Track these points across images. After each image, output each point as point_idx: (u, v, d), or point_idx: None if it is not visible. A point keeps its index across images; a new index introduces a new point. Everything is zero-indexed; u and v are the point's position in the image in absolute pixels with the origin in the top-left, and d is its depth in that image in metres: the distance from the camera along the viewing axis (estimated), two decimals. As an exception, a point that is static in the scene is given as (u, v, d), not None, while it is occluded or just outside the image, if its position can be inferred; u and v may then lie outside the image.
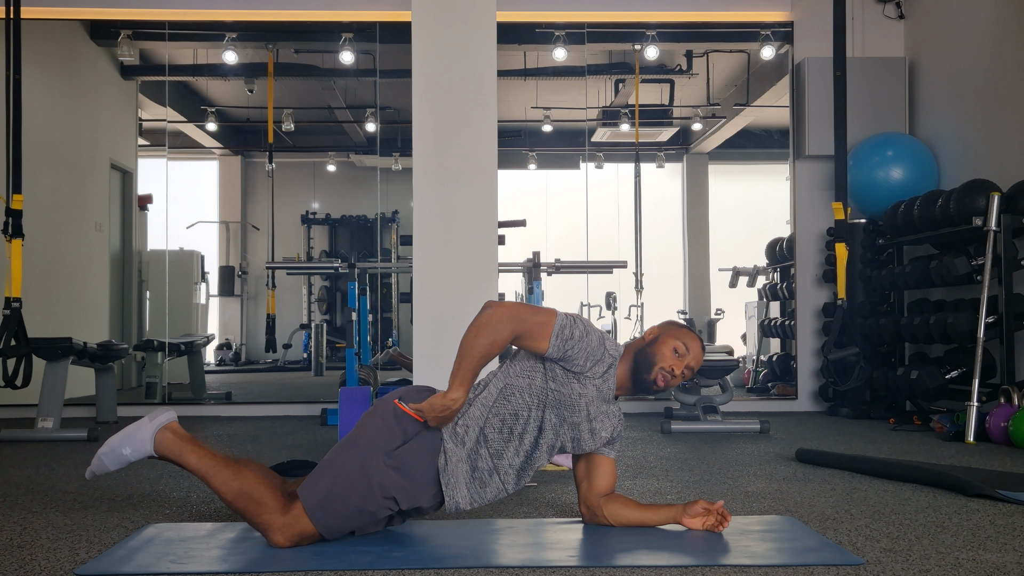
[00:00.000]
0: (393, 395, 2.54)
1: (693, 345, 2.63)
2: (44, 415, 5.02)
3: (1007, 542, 2.50)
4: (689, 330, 2.68)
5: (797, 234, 6.84)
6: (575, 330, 2.48)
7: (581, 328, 2.50)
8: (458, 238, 3.96)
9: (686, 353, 2.61)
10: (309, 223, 8.10)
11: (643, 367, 2.59)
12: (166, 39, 7.01)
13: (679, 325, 2.69)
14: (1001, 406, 4.63)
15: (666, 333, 2.64)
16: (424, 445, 2.46)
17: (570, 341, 2.47)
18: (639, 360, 2.60)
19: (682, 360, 2.60)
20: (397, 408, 2.48)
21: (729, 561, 2.27)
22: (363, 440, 2.45)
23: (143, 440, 2.54)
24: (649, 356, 2.60)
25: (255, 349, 8.15)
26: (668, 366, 2.58)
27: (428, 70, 4.00)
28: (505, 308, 2.44)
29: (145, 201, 7.37)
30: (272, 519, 2.40)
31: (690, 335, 2.65)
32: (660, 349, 2.60)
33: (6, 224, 4.96)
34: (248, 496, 2.41)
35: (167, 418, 2.57)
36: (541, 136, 7.84)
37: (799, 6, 6.85)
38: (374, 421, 2.48)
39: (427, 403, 2.42)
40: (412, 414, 2.46)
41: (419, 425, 2.46)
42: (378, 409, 2.52)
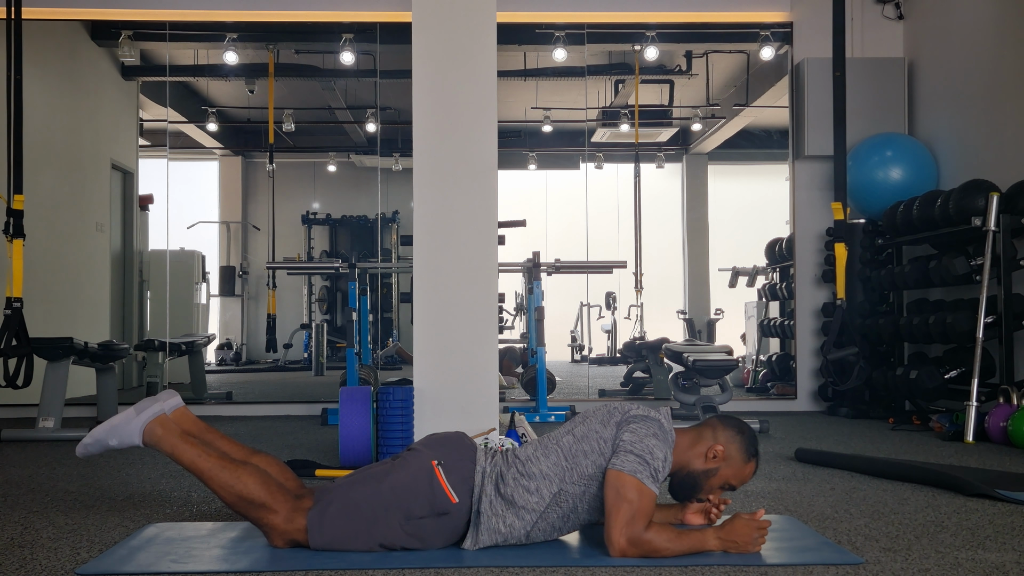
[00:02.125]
0: (434, 455, 2.42)
1: (746, 479, 2.49)
2: (45, 415, 5.03)
3: (1006, 542, 2.50)
4: (755, 462, 2.47)
5: (796, 234, 6.84)
6: (657, 461, 2.33)
7: (662, 454, 2.35)
8: (458, 238, 3.96)
9: (733, 490, 2.51)
10: (310, 223, 8.11)
11: (682, 487, 2.49)
12: (167, 39, 7.01)
13: (749, 453, 2.46)
14: (1000, 406, 4.63)
15: (730, 466, 2.45)
16: (448, 524, 2.39)
17: (664, 468, 2.37)
18: (684, 479, 2.47)
19: (724, 491, 2.52)
20: (436, 477, 2.37)
21: (729, 561, 2.28)
22: (389, 492, 2.37)
23: (131, 433, 2.53)
24: (694, 484, 2.47)
25: (256, 349, 8.15)
26: (708, 503, 2.52)
27: (428, 70, 4.01)
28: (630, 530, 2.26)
29: (146, 201, 7.38)
30: (274, 523, 2.38)
31: (750, 471, 2.47)
32: (713, 484, 2.47)
33: (7, 224, 4.96)
34: (248, 501, 2.39)
35: (155, 411, 2.54)
36: (541, 136, 7.84)
37: (799, 6, 6.85)
38: (408, 474, 2.38)
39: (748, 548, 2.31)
40: (448, 492, 2.36)
41: (451, 505, 2.36)
42: (417, 465, 2.40)
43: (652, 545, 2.27)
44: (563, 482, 2.39)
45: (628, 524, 2.26)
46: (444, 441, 2.50)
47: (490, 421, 3.85)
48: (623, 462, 2.31)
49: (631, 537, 2.26)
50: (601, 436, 2.41)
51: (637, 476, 2.28)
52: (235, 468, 2.43)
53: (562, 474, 2.39)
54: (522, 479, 2.40)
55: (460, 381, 3.89)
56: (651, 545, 2.27)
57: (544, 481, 2.39)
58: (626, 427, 2.39)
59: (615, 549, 2.27)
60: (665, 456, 2.36)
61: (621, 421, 2.43)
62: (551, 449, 2.44)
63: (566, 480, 2.39)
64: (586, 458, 2.39)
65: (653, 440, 2.35)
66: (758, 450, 2.50)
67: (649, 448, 2.33)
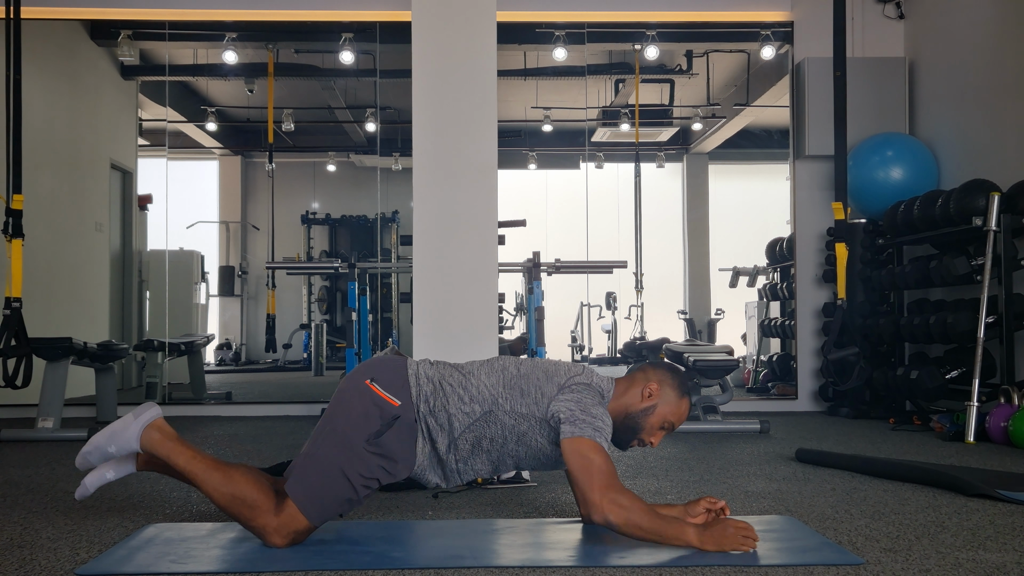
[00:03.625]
0: (364, 374, 2.49)
1: (682, 419, 2.56)
2: (44, 415, 5.03)
3: (1007, 542, 2.50)
4: (688, 399, 2.57)
5: (797, 234, 6.84)
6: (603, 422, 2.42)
7: (601, 411, 2.44)
8: (458, 238, 3.96)
9: (672, 428, 2.57)
10: (309, 223, 8.10)
11: (625, 428, 2.54)
12: (166, 39, 7.01)
13: (680, 391, 2.55)
14: (1001, 406, 4.63)
15: (664, 405, 2.54)
16: (404, 430, 2.44)
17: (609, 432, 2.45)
18: (623, 420, 2.54)
19: (664, 432, 2.56)
20: (373, 392, 2.45)
21: (729, 561, 2.27)
22: (342, 429, 2.43)
23: (129, 439, 2.53)
24: (635, 424, 2.54)
25: (255, 349, 8.15)
26: (649, 440, 2.55)
27: (428, 70, 4.00)
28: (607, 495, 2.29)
29: (145, 201, 7.37)
30: (267, 521, 2.39)
31: (685, 408, 2.55)
32: (651, 422, 2.53)
33: (6, 224, 4.96)
34: (240, 500, 2.40)
35: (152, 415, 2.54)
36: (541, 136, 7.84)
37: (799, 6, 6.85)
38: (352, 406, 2.44)
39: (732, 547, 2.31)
40: (385, 396, 2.44)
41: (396, 408, 2.43)
42: (353, 392, 2.46)
43: (632, 512, 2.28)
44: (495, 405, 2.48)
45: (605, 485, 2.30)
46: (370, 364, 2.55)
47: (490, 421, 3.84)
48: (580, 428, 2.37)
49: (613, 498, 2.29)
50: (541, 388, 2.49)
51: (597, 440, 2.36)
52: (227, 469, 2.45)
53: (495, 398, 2.48)
54: (459, 388, 2.49)
55: (460, 381, 3.88)
56: (631, 512, 2.28)
57: (479, 395, 2.48)
58: (569, 392, 2.46)
59: (597, 511, 2.29)
60: (610, 424, 2.44)
61: (564, 384, 2.49)
62: (496, 370, 2.54)
63: (499, 404, 2.48)
64: (523, 397, 2.48)
65: (599, 409, 2.43)
66: (690, 390, 2.60)
67: (599, 415, 2.41)
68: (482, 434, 2.49)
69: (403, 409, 2.45)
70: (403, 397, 2.46)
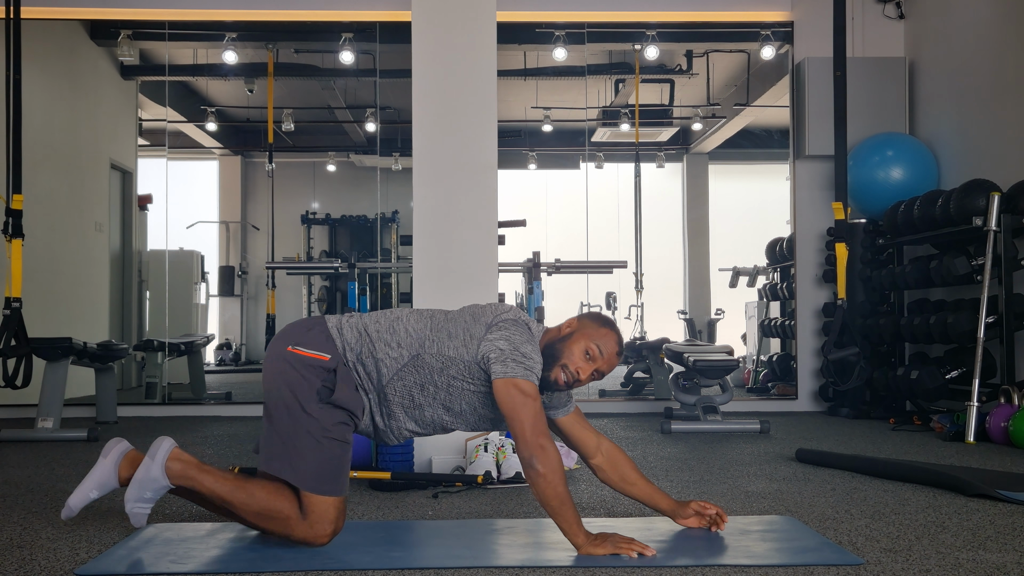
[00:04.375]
0: (283, 342, 2.46)
1: (608, 347, 2.50)
2: (44, 415, 5.02)
3: (1007, 542, 2.50)
4: (610, 328, 2.53)
5: (797, 234, 6.84)
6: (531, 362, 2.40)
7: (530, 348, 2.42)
8: (458, 238, 3.96)
9: (599, 356, 2.49)
10: (309, 223, 8.10)
11: (548, 360, 2.47)
12: (166, 39, 7.01)
13: (601, 321, 2.54)
14: (1001, 406, 4.62)
15: (582, 331, 2.50)
16: (345, 378, 2.43)
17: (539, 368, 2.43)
18: (547, 354, 2.48)
19: (592, 364, 2.49)
20: (299, 355, 2.41)
21: (729, 561, 2.27)
22: (290, 400, 2.39)
23: (157, 479, 2.46)
24: (558, 353, 2.48)
25: (255, 349, 8.14)
26: (574, 368, 2.48)
27: (428, 70, 4.00)
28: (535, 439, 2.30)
29: (145, 201, 7.37)
30: (304, 532, 2.36)
31: (608, 336, 2.50)
32: (571, 347, 2.48)
33: (6, 224, 4.96)
34: (268, 516, 2.38)
35: (166, 449, 2.49)
36: (541, 136, 7.84)
37: (799, 6, 6.85)
38: (287, 376, 2.40)
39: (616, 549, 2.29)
40: (312, 355, 2.41)
41: (327, 362, 2.41)
42: (281, 363, 2.43)
43: (554, 469, 2.28)
44: (422, 348, 2.46)
45: (535, 423, 2.32)
46: (284, 332, 2.52)
47: (490, 421, 3.84)
48: (510, 368, 2.36)
49: (543, 444, 2.30)
50: (469, 330, 2.47)
51: (529, 379, 2.36)
52: (246, 486, 2.42)
53: (423, 341, 2.46)
54: (385, 334, 2.48)
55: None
56: (553, 470, 2.28)
57: (406, 339, 2.47)
58: (497, 331, 2.44)
59: (528, 446, 2.30)
60: (540, 362, 2.43)
61: (492, 323, 2.47)
62: (424, 316, 2.54)
63: (425, 347, 2.46)
64: (451, 339, 2.46)
65: (529, 346, 2.42)
66: (615, 327, 2.56)
67: (528, 354, 2.40)
68: (411, 382, 2.46)
69: (334, 361, 2.43)
70: (330, 350, 2.44)
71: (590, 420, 6.04)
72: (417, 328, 2.49)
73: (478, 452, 3.59)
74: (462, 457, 3.74)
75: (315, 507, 2.36)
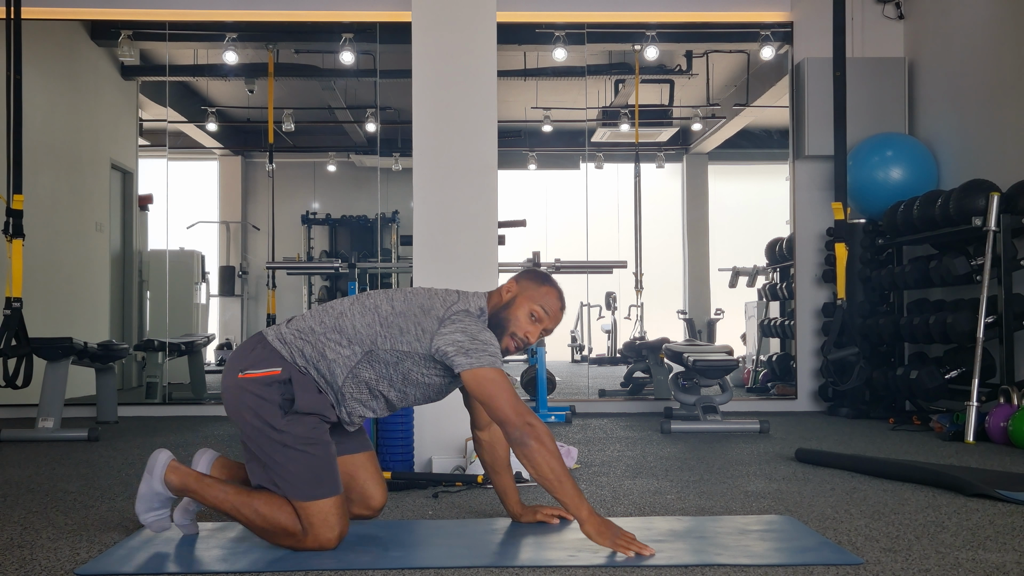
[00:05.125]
0: (233, 370, 2.45)
1: (552, 304, 2.54)
2: (45, 415, 5.03)
3: (1007, 542, 2.50)
4: (549, 285, 2.56)
5: (797, 234, 6.84)
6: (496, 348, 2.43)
7: (491, 336, 2.44)
8: (458, 238, 3.96)
9: (544, 316, 2.53)
10: (309, 223, 8.10)
11: (496, 333, 2.50)
12: (166, 39, 7.01)
13: (539, 279, 2.57)
14: (1000, 406, 4.63)
15: (524, 293, 2.54)
16: (303, 385, 2.43)
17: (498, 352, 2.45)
18: (493, 324, 2.51)
19: (539, 324, 2.53)
20: (251, 378, 2.41)
21: (729, 561, 2.28)
22: (261, 423, 2.38)
23: (158, 492, 2.49)
24: (504, 322, 2.51)
25: (255, 349, 8.13)
26: (523, 334, 2.52)
27: (428, 70, 4.00)
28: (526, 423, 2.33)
29: (145, 201, 7.38)
30: (310, 542, 2.36)
31: (549, 294, 2.54)
32: (516, 314, 2.51)
33: (7, 224, 4.96)
34: (273, 532, 2.38)
35: (163, 463, 2.50)
36: (541, 136, 7.84)
37: (799, 6, 6.85)
38: (249, 403, 2.40)
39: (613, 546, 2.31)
40: (263, 374, 2.41)
41: (280, 375, 2.41)
42: (236, 392, 2.42)
43: (543, 433, 2.32)
44: (375, 345, 2.45)
45: (515, 404, 2.34)
46: (230, 361, 2.51)
47: (490, 421, 3.85)
48: (476, 359, 2.38)
49: (529, 421, 2.33)
50: (420, 324, 2.47)
51: (496, 365, 2.39)
52: (249, 500, 2.40)
53: (374, 338, 2.46)
54: (332, 332, 2.46)
55: (460, 381, 3.88)
56: (545, 443, 2.31)
57: (356, 337, 2.46)
58: (451, 324, 2.45)
59: (513, 425, 2.32)
60: (498, 345, 2.44)
61: (444, 317, 2.47)
62: (368, 310, 2.51)
63: (378, 344, 2.45)
64: (402, 335, 2.46)
65: (486, 334, 2.43)
66: (554, 282, 2.58)
67: (488, 340, 2.42)
68: (367, 377, 2.47)
69: (287, 372, 2.42)
70: (278, 362, 2.43)
71: (589, 419, 6.05)
72: (365, 324, 2.47)
73: (478, 452, 3.59)
74: (462, 457, 3.74)
75: (312, 516, 2.35)
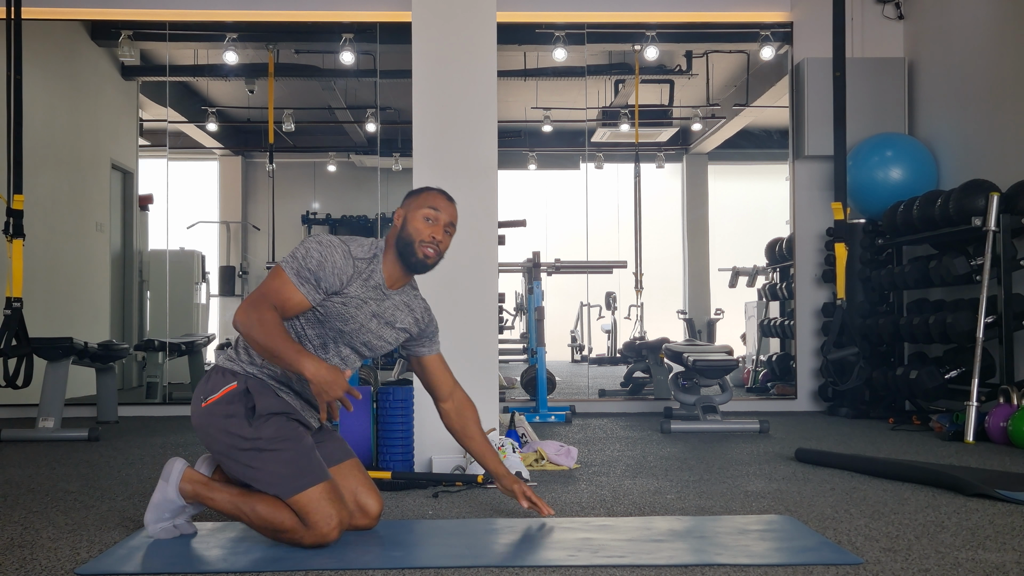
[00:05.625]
0: (197, 404, 2.54)
1: (438, 201, 2.63)
2: (45, 415, 5.03)
3: (1006, 542, 2.50)
4: (427, 189, 2.66)
5: (796, 234, 6.84)
6: (310, 261, 2.46)
7: (317, 254, 2.47)
8: (458, 238, 3.94)
9: (437, 214, 2.60)
10: (310, 223, 8.10)
11: (407, 252, 2.58)
12: (166, 39, 7.01)
13: (417, 191, 2.67)
14: (1000, 406, 4.63)
15: (410, 208, 2.62)
16: (260, 391, 2.49)
17: (319, 271, 2.46)
18: (401, 248, 2.59)
19: (437, 224, 2.60)
20: (213, 402, 2.49)
21: (728, 560, 2.28)
22: (233, 437, 2.45)
23: (172, 500, 2.53)
24: (407, 238, 2.58)
25: (255, 349, 8.13)
26: (428, 237, 2.58)
27: (428, 70, 4.00)
28: (247, 304, 2.43)
29: (146, 201, 7.38)
30: (311, 537, 2.37)
31: (429, 194, 2.63)
32: (413, 226, 2.59)
33: (7, 224, 4.96)
34: (276, 530, 2.41)
35: (179, 471, 2.54)
36: (541, 136, 7.84)
37: (799, 6, 6.85)
38: (217, 424, 2.48)
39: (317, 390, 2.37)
40: (222, 393, 2.48)
41: (236, 388, 2.48)
42: (204, 418, 2.51)
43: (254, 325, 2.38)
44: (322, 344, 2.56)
45: (253, 299, 2.42)
46: (194, 394, 2.59)
47: (490, 421, 3.85)
48: (283, 258, 2.49)
49: (246, 307, 2.41)
50: None
51: (283, 265, 2.46)
52: (252, 503, 2.44)
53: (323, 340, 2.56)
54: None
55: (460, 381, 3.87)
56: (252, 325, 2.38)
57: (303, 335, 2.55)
58: (304, 240, 2.53)
59: (240, 307, 2.42)
60: (321, 257, 2.46)
61: None
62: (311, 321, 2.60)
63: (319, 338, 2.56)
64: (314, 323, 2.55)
65: (313, 243, 2.49)
66: (432, 187, 2.69)
67: (306, 249, 2.47)
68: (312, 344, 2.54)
69: (242, 383, 2.50)
70: (232, 378, 2.51)
71: (589, 420, 6.06)
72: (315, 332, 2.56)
73: (478, 452, 3.59)
74: (462, 457, 3.75)
75: (305, 507, 2.37)
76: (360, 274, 2.53)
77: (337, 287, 2.49)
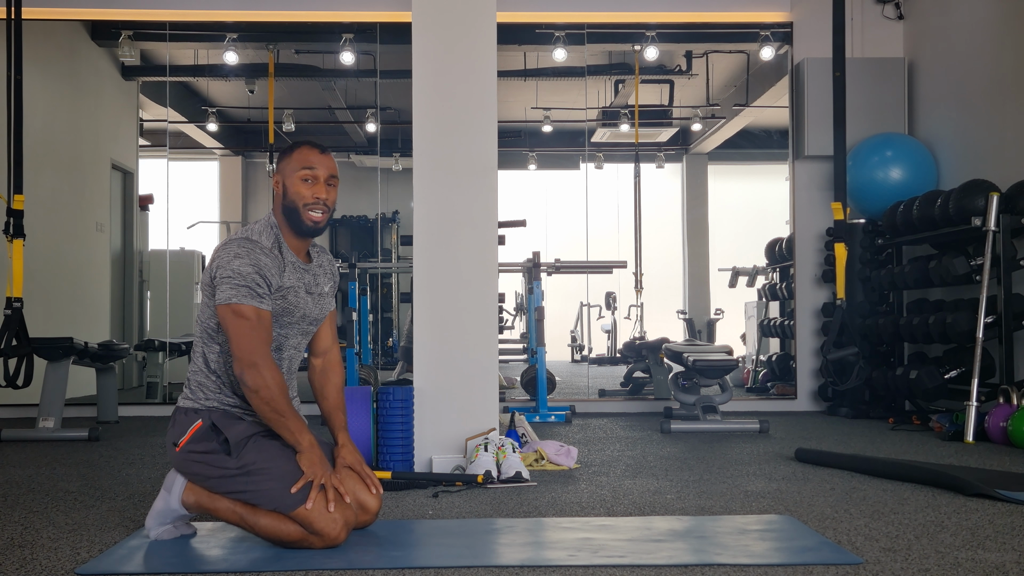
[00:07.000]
0: (171, 450, 2.55)
1: (310, 158, 2.55)
2: (45, 415, 5.03)
3: (1006, 542, 2.50)
4: (296, 146, 2.58)
5: (796, 234, 6.84)
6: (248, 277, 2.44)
7: (248, 267, 2.45)
8: (458, 238, 3.96)
9: (313, 172, 2.56)
10: (309, 223, 8.10)
11: (295, 220, 2.55)
12: (167, 40, 7.01)
13: (286, 152, 2.59)
14: (1000, 406, 4.63)
15: (284, 172, 2.57)
16: (225, 420, 2.52)
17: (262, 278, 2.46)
18: (288, 217, 2.56)
19: (318, 181, 2.56)
20: (185, 444, 2.51)
21: (728, 560, 2.28)
22: (216, 471, 2.46)
23: (174, 509, 2.55)
24: (290, 205, 2.55)
25: (255, 349, 8.13)
26: (311, 198, 2.54)
27: (428, 70, 4.01)
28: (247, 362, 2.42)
29: (146, 201, 7.38)
30: (320, 542, 2.38)
31: (300, 153, 2.56)
32: (293, 190, 2.54)
33: (7, 224, 4.96)
34: (282, 541, 2.41)
35: (183, 481, 2.55)
36: (541, 136, 7.84)
37: (799, 6, 6.85)
38: (196, 466, 2.50)
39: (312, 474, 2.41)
40: (190, 433, 2.51)
41: (200, 427, 2.51)
42: (186, 463, 2.52)
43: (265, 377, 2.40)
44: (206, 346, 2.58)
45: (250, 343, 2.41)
46: (166, 440, 2.61)
47: (490, 421, 3.86)
48: (220, 294, 2.45)
49: (255, 358, 2.41)
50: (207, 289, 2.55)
51: (230, 302, 2.43)
52: (254, 515, 2.44)
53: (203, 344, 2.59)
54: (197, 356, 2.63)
55: (460, 381, 3.89)
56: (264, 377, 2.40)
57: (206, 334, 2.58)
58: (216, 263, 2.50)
59: (239, 363, 2.42)
60: (253, 265, 2.45)
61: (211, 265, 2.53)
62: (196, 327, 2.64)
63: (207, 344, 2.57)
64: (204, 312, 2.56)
65: (236, 261, 2.45)
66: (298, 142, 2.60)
67: (232, 269, 2.44)
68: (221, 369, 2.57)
69: (207, 419, 2.52)
70: (196, 416, 2.54)
71: (589, 419, 6.06)
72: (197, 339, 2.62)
73: (478, 452, 3.60)
74: (462, 457, 3.75)
75: (310, 518, 2.37)
76: (283, 262, 2.54)
77: (279, 282, 2.51)
